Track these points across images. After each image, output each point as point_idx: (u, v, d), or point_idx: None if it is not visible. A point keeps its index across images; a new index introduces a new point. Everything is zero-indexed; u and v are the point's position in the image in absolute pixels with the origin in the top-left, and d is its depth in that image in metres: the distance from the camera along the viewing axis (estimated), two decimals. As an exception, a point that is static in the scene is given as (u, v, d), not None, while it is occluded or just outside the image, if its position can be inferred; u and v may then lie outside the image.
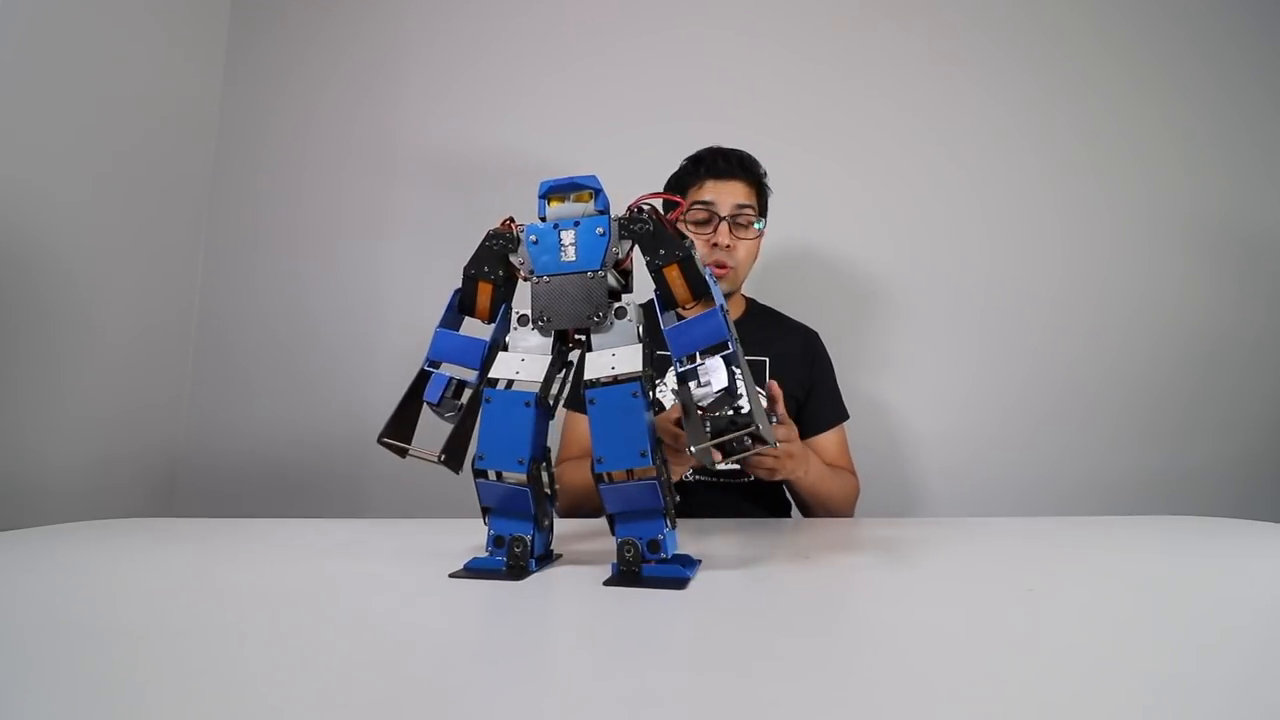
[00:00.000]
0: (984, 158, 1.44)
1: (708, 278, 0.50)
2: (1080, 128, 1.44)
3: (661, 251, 0.49)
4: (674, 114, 1.43)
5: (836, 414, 1.05)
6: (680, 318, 0.50)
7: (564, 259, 0.49)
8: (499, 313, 0.53)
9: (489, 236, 0.52)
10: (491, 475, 0.48)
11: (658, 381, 0.94)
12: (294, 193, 1.45)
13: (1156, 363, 1.38)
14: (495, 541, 0.48)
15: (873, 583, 0.51)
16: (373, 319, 1.42)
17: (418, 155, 1.46)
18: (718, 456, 0.49)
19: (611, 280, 0.50)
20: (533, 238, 0.51)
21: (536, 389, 0.48)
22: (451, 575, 0.47)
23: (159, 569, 0.50)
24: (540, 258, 0.50)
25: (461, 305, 0.54)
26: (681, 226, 1.01)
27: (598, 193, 0.51)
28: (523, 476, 0.47)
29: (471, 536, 0.64)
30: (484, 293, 0.53)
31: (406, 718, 0.24)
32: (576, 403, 0.97)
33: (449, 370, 0.51)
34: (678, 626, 0.37)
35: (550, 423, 0.51)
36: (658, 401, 0.52)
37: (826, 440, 1.02)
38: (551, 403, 0.50)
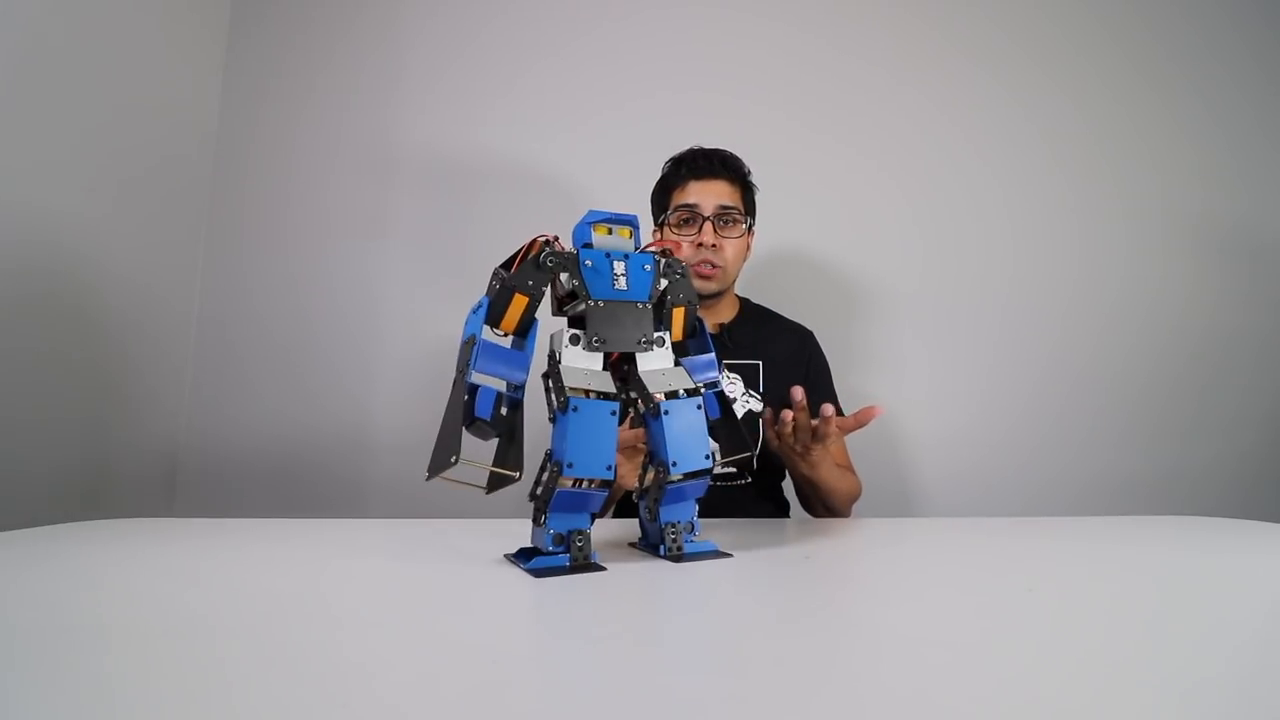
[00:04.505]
0: (992, 158, 1.44)
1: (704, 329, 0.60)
2: (1091, 129, 1.44)
3: (681, 295, 0.57)
4: (671, 113, 1.43)
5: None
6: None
7: (616, 287, 0.53)
8: (529, 328, 0.53)
9: (545, 252, 0.52)
10: (575, 484, 0.48)
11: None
12: (293, 193, 1.45)
13: (1165, 365, 1.38)
14: (555, 539, 0.49)
15: (873, 583, 0.51)
16: (371, 319, 1.42)
17: (416, 157, 1.46)
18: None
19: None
20: (588, 262, 0.52)
21: (616, 400, 0.51)
22: (534, 572, 0.46)
23: (159, 569, 0.50)
24: (595, 283, 0.52)
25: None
26: (667, 230, 1.02)
27: (635, 230, 0.56)
28: (610, 480, 0.49)
29: (476, 536, 0.64)
30: (518, 305, 0.52)
31: (408, 718, 0.24)
32: None
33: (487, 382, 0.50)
34: (676, 626, 0.37)
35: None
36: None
37: (826, 441, 1.02)
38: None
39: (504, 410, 0.50)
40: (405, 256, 1.43)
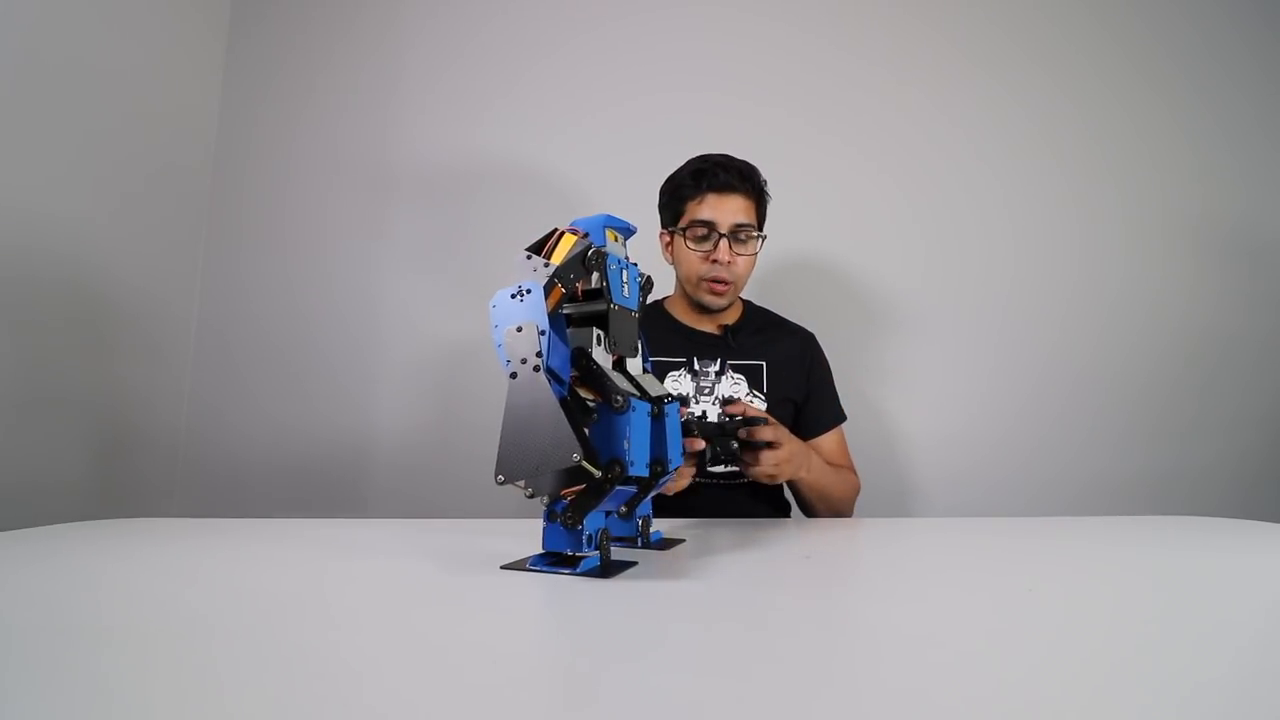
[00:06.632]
0: (992, 158, 1.44)
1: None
2: (1091, 129, 1.44)
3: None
4: (671, 113, 1.43)
5: (835, 416, 1.05)
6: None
7: (624, 295, 0.54)
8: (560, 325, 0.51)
9: (591, 250, 0.50)
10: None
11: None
12: (293, 195, 1.45)
13: (1165, 365, 1.38)
14: (587, 540, 0.49)
15: (873, 583, 0.51)
16: (370, 320, 1.42)
17: (416, 158, 1.46)
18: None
19: None
20: (613, 266, 0.53)
21: (649, 402, 0.52)
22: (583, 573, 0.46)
23: (159, 569, 0.50)
24: (615, 287, 0.53)
25: None
26: (678, 239, 1.00)
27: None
28: (645, 476, 0.50)
29: (475, 536, 0.64)
30: (553, 298, 0.49)
31: (407, 718, 0.24)
32: None
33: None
34: (678, 626, 0.37)
35: None
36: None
37: (826, 441, 1.03)
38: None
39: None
40: (404, 258, 1.43)
